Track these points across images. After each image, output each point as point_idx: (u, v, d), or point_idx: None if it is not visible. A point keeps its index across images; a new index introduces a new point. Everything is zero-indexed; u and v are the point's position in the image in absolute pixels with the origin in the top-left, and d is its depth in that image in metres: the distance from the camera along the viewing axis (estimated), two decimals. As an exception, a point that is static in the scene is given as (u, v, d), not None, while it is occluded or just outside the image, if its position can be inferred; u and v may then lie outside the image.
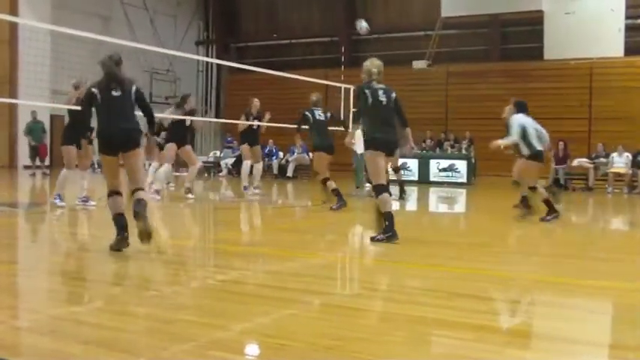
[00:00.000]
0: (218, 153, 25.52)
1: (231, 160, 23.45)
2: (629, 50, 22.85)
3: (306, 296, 4.68)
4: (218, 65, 30.57)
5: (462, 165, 19.60)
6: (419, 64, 25.01)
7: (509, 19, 24.91)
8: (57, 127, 21.63)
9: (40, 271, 5.69)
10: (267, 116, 13.68)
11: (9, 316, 3.98)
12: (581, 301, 4.79)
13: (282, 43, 30.04)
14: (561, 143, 18.12)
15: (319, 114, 11.36)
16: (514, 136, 9.51)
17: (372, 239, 7.13)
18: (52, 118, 23.04)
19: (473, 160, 20.34)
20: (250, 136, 13.64)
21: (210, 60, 30.65)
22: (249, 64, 16.55)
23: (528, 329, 4.07)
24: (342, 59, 27.65)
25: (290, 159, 22.58)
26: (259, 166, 14.16)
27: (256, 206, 12.24)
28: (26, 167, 22.21)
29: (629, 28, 22.96)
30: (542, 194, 9.47)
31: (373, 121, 7.35)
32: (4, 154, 23.91)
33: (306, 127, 11.43)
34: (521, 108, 9.80)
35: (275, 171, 23.02)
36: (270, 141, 22.50)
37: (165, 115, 12.46)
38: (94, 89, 6.46)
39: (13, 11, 23.44)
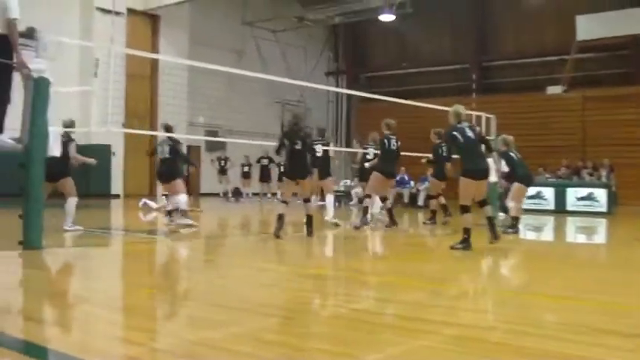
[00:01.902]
0: (349, 182, 25.71)
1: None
2: None
3: (438, 327, 4.59)
4: (348, 95, 30.95)
5: (601, 194, 18.72)
6: (553, 90, 24.28)
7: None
8: (193, 157, 22.61)
9: (177, 296, 5.91)
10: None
11: (148, 338, 4.15)
12: None
13: (411, 72, 30.01)
14: None
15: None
16: None
17: (451, 247, 8.94)
18: (189, 148, 24.08)
19: (613, 189, 19.39)
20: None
21: (339, 90, 31.08)
22: (379, 94, 16.63)
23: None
24: (474, 86, 27.30)
25: (421, 188, 22.39)
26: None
27: (386, 235, 12.19)
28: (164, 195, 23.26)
29: None
30: None
31: (468, 154, 9.03)
32: (145, 184, 25.12)
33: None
34: None
35: (406, 199, 22.92)
36: (402, 169, 22.44)
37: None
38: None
39: (155, 49, 24.84)
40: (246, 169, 25.15)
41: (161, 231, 12.22)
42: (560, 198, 19.04)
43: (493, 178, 12.70)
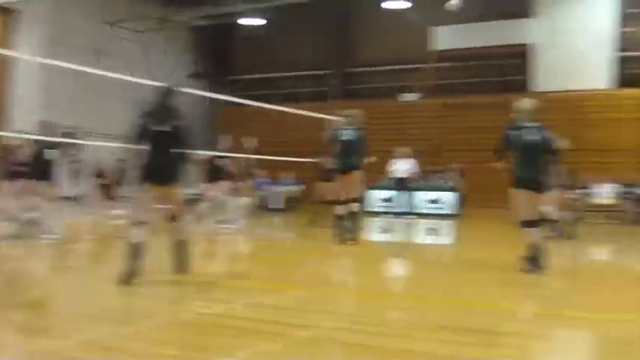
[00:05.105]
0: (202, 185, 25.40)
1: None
2: (619, 82, 23.16)
3: (290, 330, 4.68)
4: (211, 98, 30.71)
5: (450, 197, 19.66)
6: (409, 97, 25.32)
7: (499, 52, 25.16)
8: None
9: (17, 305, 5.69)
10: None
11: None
12: None
13: (274, 76, 30.22)
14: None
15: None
16: None
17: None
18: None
19: (462, 192, 20.40)
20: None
21: (200, 93, 30.67)
22: (243, 98, 16.64)
23: None
24: (335, 92, 27.90)
25: (280, 191, 22.53)
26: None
27: (247, 239, 12.25)
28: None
29: (621, 61, 23.28)
30: None
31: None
32: None
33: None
34: None
35: (266, 203, 22.99)
36: (263, 173, 22.48)
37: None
38: None
39: (9, 45, 23.61)
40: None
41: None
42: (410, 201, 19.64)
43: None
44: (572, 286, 7.22)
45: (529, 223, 7.50)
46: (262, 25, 27.14)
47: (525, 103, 7.85)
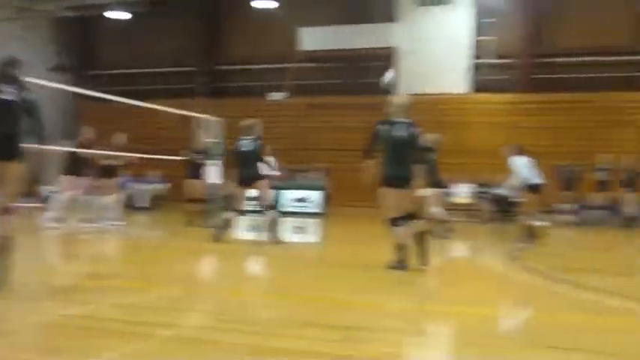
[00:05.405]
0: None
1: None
2: (475, 87, 24.47)
3: (156, 329, 4.67)
4: (74, 93, 29.59)
5: (316, 195, 20.01)
6: (276, 96, 25.55)
7: (364, 54, 25.84)
8: None
9: None
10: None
11: None
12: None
13: (142, 72, 29.54)
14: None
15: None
16: None
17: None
18: None
19: (328, 191, 20.82)
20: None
21: (61, 87, 29.49)
22: (108, 93, 16.10)
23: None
24: (203, 89, 27.66)
25: (144, 189, 22.09)
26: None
27: (113, 238, 11.98)
28: None
29: (475, 67, 24.57)
30: None
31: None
32: None
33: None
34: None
35: (131, 201, 22.45)
36: (128, 170, 21.93)
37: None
38: None
39: None
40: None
41: None
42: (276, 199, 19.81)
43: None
44: (436, 282, 7.57)
45: (397, 221, 7.62)
46: (129, 19, 26.51)
47: (398, 99, 8.01)
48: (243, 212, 11.38)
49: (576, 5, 24.45)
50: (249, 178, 10.68)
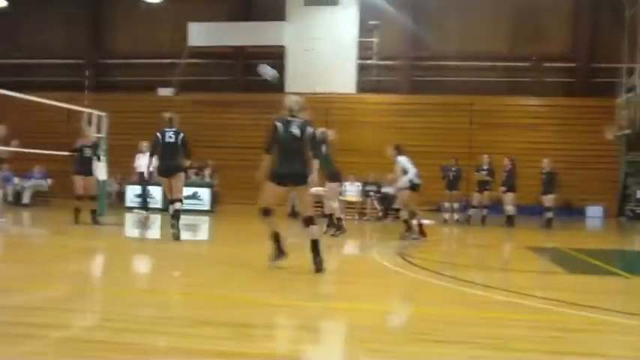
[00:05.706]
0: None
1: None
2: (361, 88, 24.98)
3: (43, 331, 4.53)
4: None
5: (205, 193, 19.91)
6: (164, 91, 25.17)
7: (253, 52, 25.86)
8: None
9: None
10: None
11: None
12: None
13: (23, 62, 28.30)
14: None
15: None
16: None
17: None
18: None
19: (216, 188, 20.74)
20: None
21: None
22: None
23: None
24: (87, 83, 26.86)
25: (26, 185, 21.24)
26: None
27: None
28: None
29: (361, 68, 25.08)
30: None
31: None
32: None
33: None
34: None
35: (10, 198, 21.50)
36: (6, 166, 20.96)
37: None
38: None
39: None
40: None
41: None
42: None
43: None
44: (325, 279, 7.70)
45: (266, 211, 7.71)
46: (7, 8, 25.36)
47: (292, 98, 8.12)
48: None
49: (458, 11, 25.44)
50: (168, 169, 10.84)
